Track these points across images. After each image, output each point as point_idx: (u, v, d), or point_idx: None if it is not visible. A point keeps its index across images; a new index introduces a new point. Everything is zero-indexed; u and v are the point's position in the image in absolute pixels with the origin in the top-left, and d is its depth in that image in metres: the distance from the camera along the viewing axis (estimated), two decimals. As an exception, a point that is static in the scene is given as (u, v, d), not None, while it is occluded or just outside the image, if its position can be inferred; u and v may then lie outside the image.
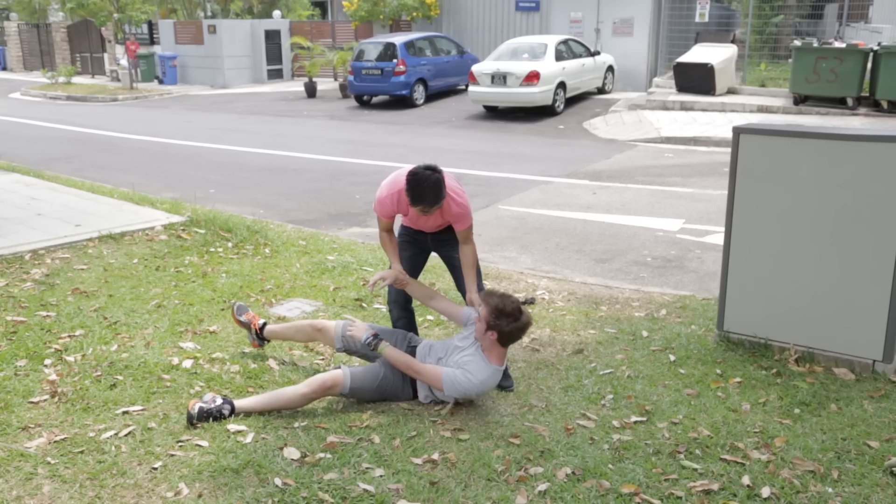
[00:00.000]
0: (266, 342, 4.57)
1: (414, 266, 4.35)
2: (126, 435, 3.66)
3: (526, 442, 3.62)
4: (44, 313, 5.15)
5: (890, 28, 17.86)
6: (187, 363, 4.41)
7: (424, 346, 4.15)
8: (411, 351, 4.12)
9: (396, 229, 4.35)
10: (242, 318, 4.58)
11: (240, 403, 3.87)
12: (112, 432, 3.68)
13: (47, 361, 4.42)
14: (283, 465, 3.42)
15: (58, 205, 8.09)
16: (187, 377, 4.25)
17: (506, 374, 4.10)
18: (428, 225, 4.21)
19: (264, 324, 4.54)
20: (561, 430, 3.72)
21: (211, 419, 3.76)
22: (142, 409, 3.90)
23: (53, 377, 4.20)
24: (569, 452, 3.52)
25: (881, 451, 3.49)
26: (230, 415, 3.81)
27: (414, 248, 4.34)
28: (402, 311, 4.42)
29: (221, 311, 5.28)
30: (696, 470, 3.38)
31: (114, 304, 5.35)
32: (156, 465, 3.42)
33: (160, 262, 6.33)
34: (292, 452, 3.51)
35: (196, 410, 3.75)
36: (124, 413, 3.86)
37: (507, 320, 3.77)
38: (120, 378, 4.22)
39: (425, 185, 3.77)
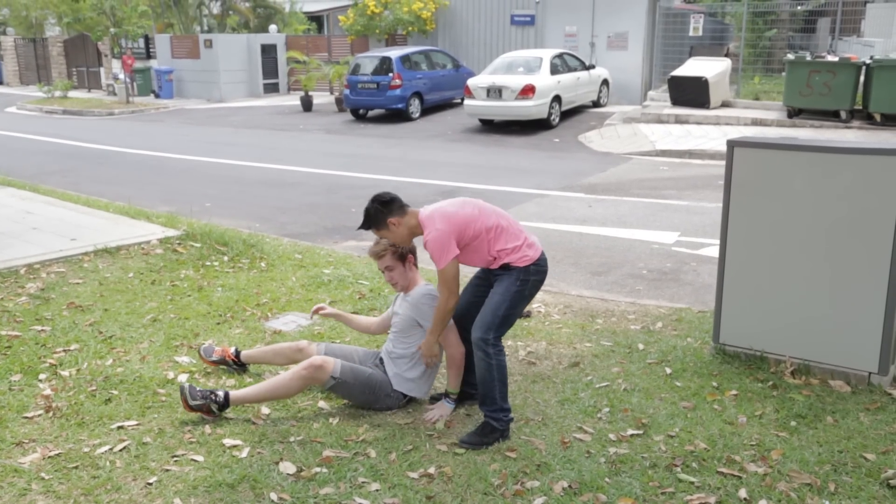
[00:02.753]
0: (245, 368, 4.53)
1: (473, 295, 4.01)
2: (121, 450, 3.64)
3: (522, 455, 3.62)
4: (39, 327, 5.13)
5: (882, 42, 17.97)
6: (183, 377, 4.40)
7: (381, 353, 4.25)
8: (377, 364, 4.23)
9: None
10: (214, 358, 4.50)
11: (235, 394, 3.95)
12: (107, 447, 3.66)
13: (42, 376, 4.41)
14: (279, 479, 3.41)
15: (53, 219, 8.08)
16: (183, 391, 4.23)
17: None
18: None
19: (237, 351, 4.52)
20: (557, 444, 3.71)
21: (205, 400, 3.89)
22: (137, 424, 3.89)
23: (48, 392, 4.18)
24: (565, 466, 3.51)
25: (878, 463, 3.49)
26: (224, 405, 3.91)
27: (479, 278, 4.05)
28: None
29: (217, 325, 5.27)
30: (692, 483, 3.37)
31: (109, 319, 5.34)
32: (151, 481, 3.40)
33: (156, 276, 6.32)
34: (288, 467, 3.50)
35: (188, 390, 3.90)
36: (119, 428, 3.85)
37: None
38: (115, 393, 4.21)
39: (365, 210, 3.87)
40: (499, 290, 3.79)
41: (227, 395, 3.93)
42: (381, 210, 3.81)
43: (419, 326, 4.04)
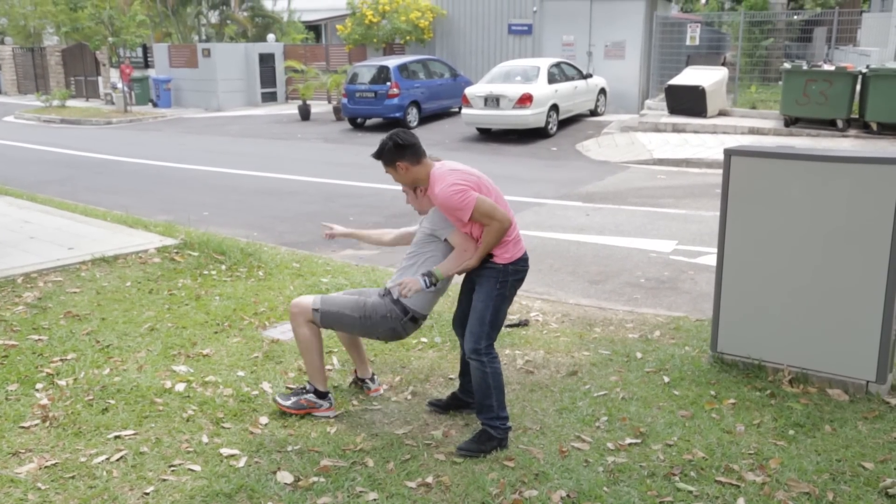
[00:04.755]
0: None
1: (466, 303, 4.00)
2: (118, 459, 3.63)
3: (520, 464, 3.61)
4: (35, 337, 5.13)
5: (878, 51, 18.06)
6: (180, 387, 4.39)
7: (396, 277, 4.07)
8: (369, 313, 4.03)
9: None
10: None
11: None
12: (104, 457, 3.65)
13: (39, 385, 4.39)
14: (277, 489, 3.40)
15: (51, 228, 8.08)
16: (180, 401, 4.23)
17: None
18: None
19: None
20: (555, 453, 3.71)
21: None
22: (134, 434, 3.88)
23: (45, 401, 4.17)
24: (563, 475, 3.50)
25: (876, 472, 3.49)
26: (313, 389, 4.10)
27: (467, 283, 4.06)
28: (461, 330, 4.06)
29: (215, 334, 5.27)
30: (690, 492, 3.37)
31: (106, 328, 5.33)
32: (148, 490, 3.39)
33: (153, 285, 6.31)
34: (285, 476, 3.49)
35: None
36: (116, 437, 3.84)
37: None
38: (112, 402, 4.20)
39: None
40: (481, 297, 3.79)
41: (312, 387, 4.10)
42: (394, 150, 3.81)
43: (435, 239, 3.94)
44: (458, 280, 4.09)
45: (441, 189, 3.69)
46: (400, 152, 3.80)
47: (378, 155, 3.85)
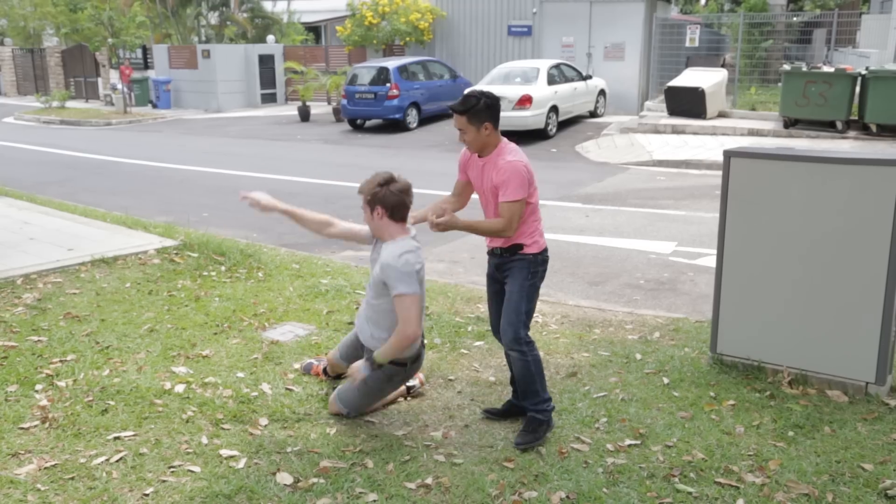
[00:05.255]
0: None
1: (498, 303, 4.00)
2: (117, 461, 3.63)
3: (520, 466, 3.61)
4: (35, 338, 5.12)
5: (877, 53, 18.07)
6: (179, 388, 4.39)
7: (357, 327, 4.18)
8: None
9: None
10: (311, 372, 4.64)
11: None
12: (103, 458, 3.65)
13: (38, 387, 4.39)
14: (276, 490, 3.40)
15: (50, 229, 8.07)
16: (179, 402, 4.23)
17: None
18: (482, 191, 3.91)
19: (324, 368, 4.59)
20: (555, 454, 3.71)
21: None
22: (133, 435, 3.87)
23: (44, 402, 4.17)
24: (563, 476, 3.50)
25: (875, 473, 3.49)
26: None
27: (494, 284, 4.06)
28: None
29: (214, 335, 5.27)
30: (690, 493, 3.37)
31: (106, 329, 5.33)
32: (147, 492, 3.39)
33: (153, 286, 6.31)
34: (285, 478, 3.49)
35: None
36: (116, 438, 3.84)
37: (383, 189, 3.83)
38: (112, 403, 4.19)
39: (467, 95, 3.75)
40: (514, 288, 3.85)
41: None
42: (485, 110, 3.71)
43: (387, 292, 3.84)
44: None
45: (515, 160, 3.71)
46: (490, 113, 3.73)
47: (465, 109, 3.70)
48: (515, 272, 3.85)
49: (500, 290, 3.99)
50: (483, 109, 3.70)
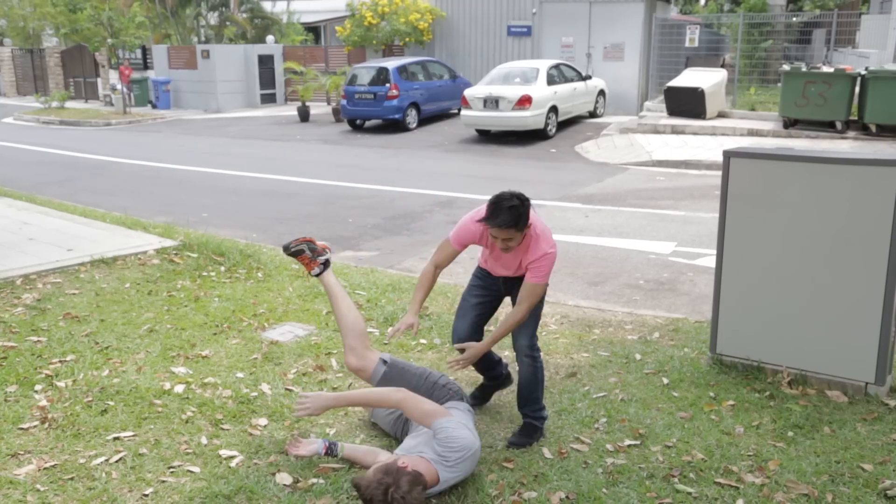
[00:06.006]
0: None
1: (479, 314, 3.99)
2: (117, 461, 3.63)
3: (520, 466, 3.61)
4: (35, 338, 5.12)
5: (877, 53, 18.08)
6: (179, 388, 4.39)
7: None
8: (431, 387, 3.76)
9: (459, 272, 3.96)
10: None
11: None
12: (103, 458, 3.65)
13: (38, 387, 4.39)
14: (276, 490, 3.40)
15: (50, 229, 8.07)
16: (179, 402, 4.23)
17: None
18: (505, 264, 3.86)
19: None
20: (555, 454, 3.71)
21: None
22: (133, 435, 3.87)
23: (44, 403, 4.17)
24: (563, 477, 3.50)
25: (875, 473, 3.49)
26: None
27: (483, 294, 3.99)
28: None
29: (214, 335, 5.26)
30: (690, 494, 3.37)
31: (105, 329, 5.33)
32: (147, 492, 3.39)
33: (152, 286, 6.31)
34: (284, 478, 3.49)
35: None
36: (115, 439, 3.83)
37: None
38: (111, 403, 4.19)
39: (504, 204, 3.52)
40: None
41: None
42: (528, 209, 3.56)
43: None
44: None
45: (551, 252, 3.72)
46: (523, 207, 3.55)
47: (514, 222, 3.51)
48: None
49: (486, 303, 3.98)
50: (525, 212, 3.56)
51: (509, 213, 3.51)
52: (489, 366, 4.14)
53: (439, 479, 3.28)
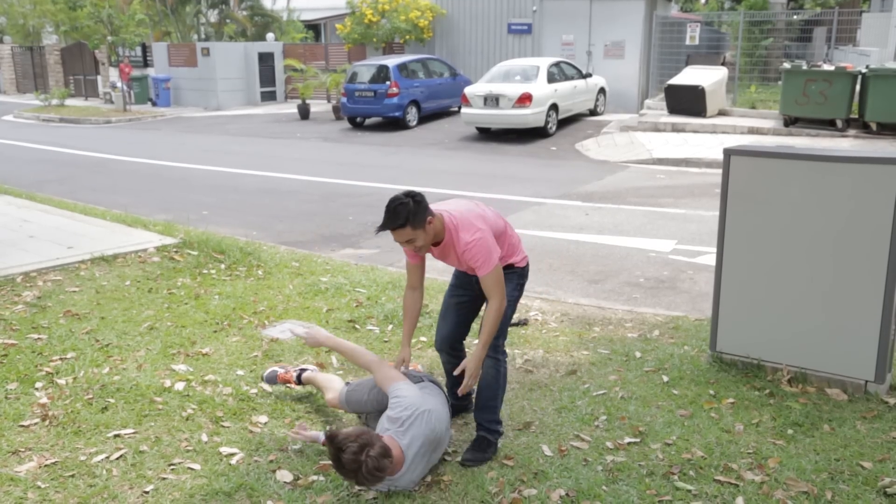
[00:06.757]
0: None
1: (461, 314, 3.89)
2: (117, 458, 3.64)
3: (520, 463, 3.61)
4: (35, 336, 5.13)
5: (878, 51, 18.07)
6: (179, 385, 4.39)
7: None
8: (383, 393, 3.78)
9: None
10: (277, 384, 4.40)
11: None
12: (103, 456, 3.65)
13: (38, 384, 4.40)
14: (276, 487, 3.40)
15: (50, 227, 8.07)
16: (179, 399, 4.23)
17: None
18: (454, 263, 3.74)
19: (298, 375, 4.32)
20: (555, 452, 3.71)
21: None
22: (133, 433, 3.88)
23: (44, 400, 4.18)
24: (563, 474, 3.51)
25: (874, 471, 3.50)
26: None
27: (461, 293, 3.89)
28: (450, 357, 3.95)
29: (214, 332, 5.27)
30: (689, 491, 3.37)
31: (106, 327, 5.33)
32: (147, 489, 3.39)
33: (152, 284, 6.31)
34: (285, 475, 3.49)
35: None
36: (116, 436, 3.84)
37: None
38: (112, 401, 4.20)
39: (392, 205, 3.40)
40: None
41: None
42: (420, 206, 3.39)
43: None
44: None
45: (470, 240, 3.47)
46: (424, 204, 3.42)
47: (403, 222, 3.37)
48: (506, 283, 3.66)
49: (466, 302, 3.87)
50: (418, 209, 3.39)
51: (395, 214, 3.38)
52: (458, 382, 3.84)
53: (403, 456, 3.32)
